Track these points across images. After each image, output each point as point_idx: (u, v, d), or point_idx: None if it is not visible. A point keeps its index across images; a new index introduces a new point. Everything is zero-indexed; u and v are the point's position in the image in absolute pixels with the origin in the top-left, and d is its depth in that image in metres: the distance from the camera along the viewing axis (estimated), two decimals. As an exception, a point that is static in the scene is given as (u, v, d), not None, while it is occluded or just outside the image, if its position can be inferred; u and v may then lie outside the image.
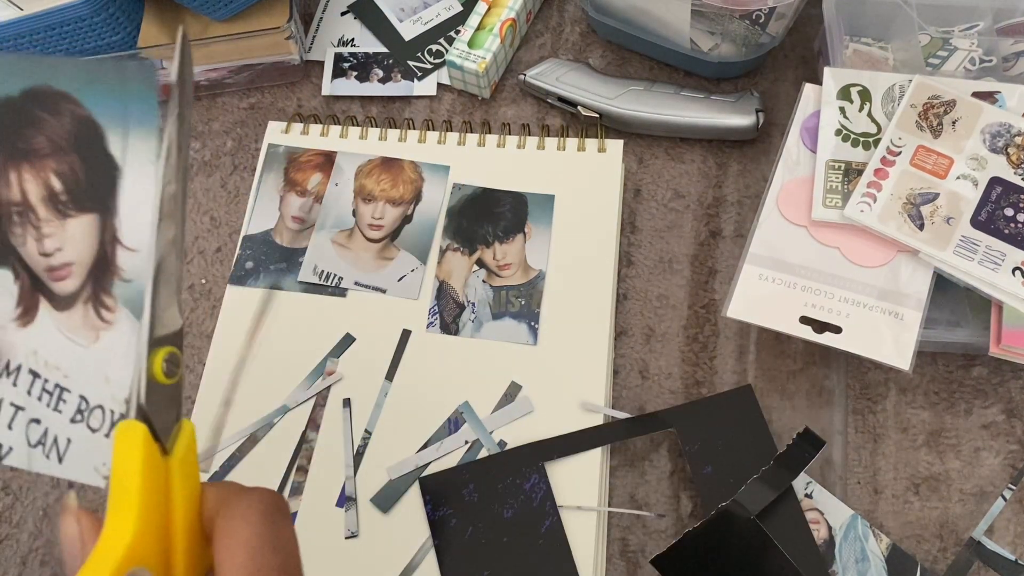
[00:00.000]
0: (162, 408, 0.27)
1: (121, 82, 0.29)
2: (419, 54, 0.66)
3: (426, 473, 0.52)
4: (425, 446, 0.53)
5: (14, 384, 0.29)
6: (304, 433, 0.54)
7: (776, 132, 0.61)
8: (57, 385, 0.30)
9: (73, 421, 0.29)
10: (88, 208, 0.29)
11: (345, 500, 0.52)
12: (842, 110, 0.51)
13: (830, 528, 0.49)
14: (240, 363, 0.49)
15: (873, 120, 0.51)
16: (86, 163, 0.29)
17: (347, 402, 0.55)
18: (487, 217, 0.59)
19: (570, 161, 0.60)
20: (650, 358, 0.56)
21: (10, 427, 0.29)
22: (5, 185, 0.29)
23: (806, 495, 0.50)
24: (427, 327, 0.56)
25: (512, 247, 0.58)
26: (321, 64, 0.67)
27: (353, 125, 0.64)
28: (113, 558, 0.25)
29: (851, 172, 0.50)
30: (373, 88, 0.65)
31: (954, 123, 0.50)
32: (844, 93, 0.52)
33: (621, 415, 0.53)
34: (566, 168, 0.60)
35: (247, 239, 0.60)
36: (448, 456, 0.53)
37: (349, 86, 0.66)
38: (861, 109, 0.51)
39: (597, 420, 0.52)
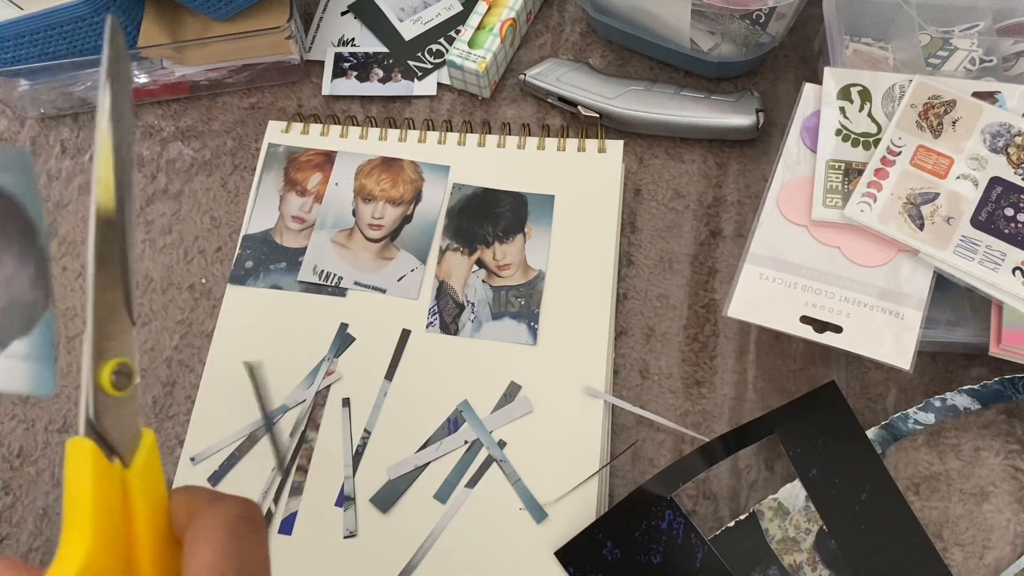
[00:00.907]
0: (118, 421, 0.26)
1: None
2: (419, 54, 0.66)
3: (559, 546, 0.49)
4: (425, 446, 0.53)
5: None
6: (304, 433, 0.54)
7: (776, 132, 0.61)
8: None
9: None
10: None
11: (344, 500, 0.52)
12: (842, 110, 0.51)
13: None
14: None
15: (873, 120, 0.51)
16: None
17: (346, 402, 0.55)
18: (487, 217, 0.59)
19: (570, 161, 0.60)
20: (650, 358, 0.56)
21: None
22: None
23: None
24: (427, 327, 0.56)
25: (512, 247, 0.58)
26: (321, 64, 0.67)
27: (353, 125, 0.64)
28: None
29: (851, 172, 0.50)
30: (373, 88, 0.65)
31: (954, 123, 0.50)
32: (844, 93, 0.52)
33: (624, 404, 0.53)
34: (566, 168, 0.60)
35: (247, 239, 0.60)
36: (448, 456, 0.53)
37: (349, 86, 0.66)
38: (861, 109, 0.51)
39: (598, 420, 0.52)
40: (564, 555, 0.49)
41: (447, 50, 0.66)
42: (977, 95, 0.51)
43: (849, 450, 0.49)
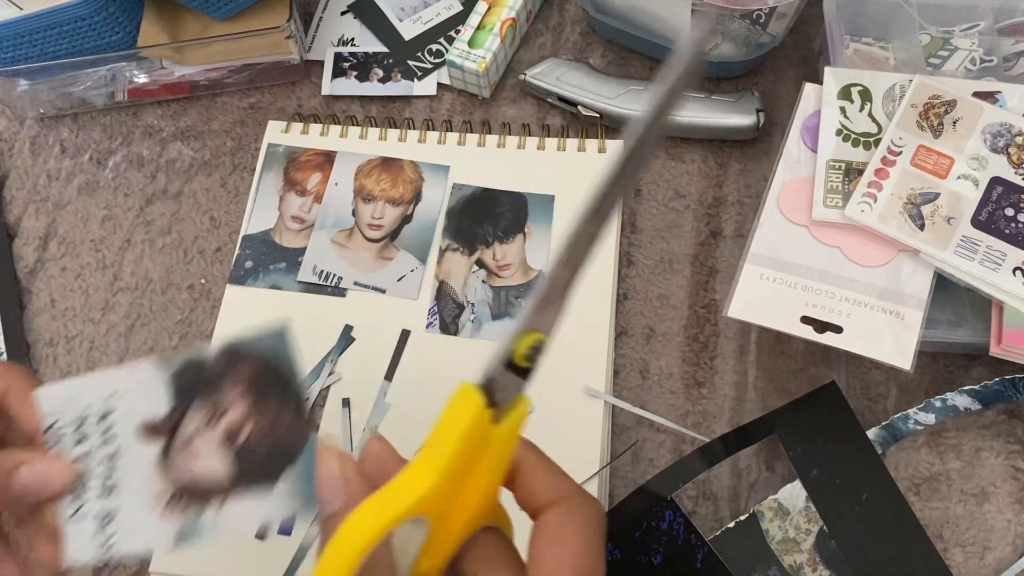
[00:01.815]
0: (508, 383, 0.28)
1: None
2: (419, 54, 0.66)
3: None
4: (425, 446, 0.53)
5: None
6: (303, 433, 0.54)
7: (777, 132, 0.61)
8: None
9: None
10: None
11: (345, 500, 0.52)
12: (843, 110, 0.51)
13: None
14: None
15: (874, 120, 0.51)
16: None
17: (346, 402, 0.55)
18: (487, 217, 0.59)
19: (570, 161, 0.60)
20: (650, 358, 0.56)
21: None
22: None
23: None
24: (426, 327, 0.56)
25: (512, 247, 0.58)
26: (321, 64, 0.67)
27: (353, 125, 0.64)
28: (405, 501, 0.26)
29: (852, 172, 0.50)
30: (373, 88, 0.65)
31: (955, 123, 0.50)
32: (845, 93, 0.52)
33: (624, 404, 0.53)
34: (566, 168, 0.60)
35: (247, 239, 0.60)
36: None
37: (349, 86, 0.66)
38: (862, 109, 0.51)
39: (598, 420, 0.52)
40: None
41: (447, 50, 0.66)
42: (978, 95, 0.51)
43: (849, 450, 0.49)
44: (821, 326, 0.47)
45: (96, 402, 0.35)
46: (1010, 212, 0.48)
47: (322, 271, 0.58)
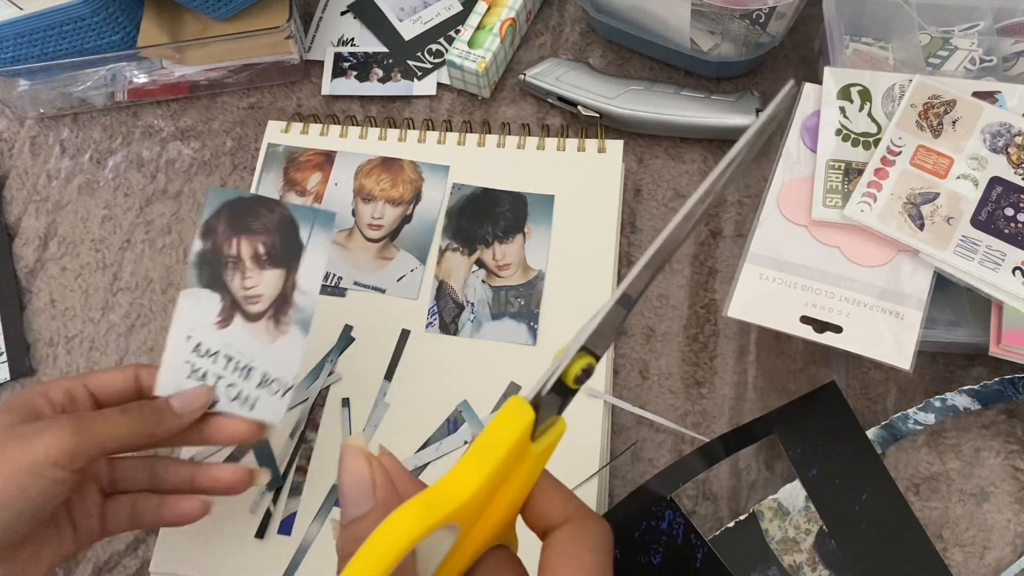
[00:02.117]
0: (553, 403, 0.29)
1: (313, 210, 0.47)
2: (419, 54, 0.66)
3: None
4: (424, 446, 0.53)
5: (214, 362, 0.45)
6: (303, 433, 0.54)
7: (776, 132, 0.61)
8: (246, 365, 0.45)
9: (258, 387, 0.45)
10: (279, 265, 0.46)
11: (344, 500, 0.52)
12: (842, 110, 0.51)
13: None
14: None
15: (873, 120, 0.51)
16: (283, 240, 0.46)
17: (346, 402, 0.55)
18: (487, 217, 0.59)
19: (570, 161, 0.60)
20: (650, 358, 0.56)
21: (215, 387, 0.45)
22: (228, 246, 0.46)
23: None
24: (426, 327, 0.56)
25: (511, 247, 0.58)
26: (321, 64, 0.67)
27: (353, 125, 0.64)
28: (444, 507, 0.26)
29: (851, 172, 0.50)
30: (373, 88, 0.65)
31: (954, 123, 0.50)
32: (844, 93, 0.52)
33: (624, 404, 0.53)
34: (566, 168, 0.60)
35: (246, 239, 0.60)
36: (447, 456, 0.53)
37: (349, 86, 0.66)
38: (861, 109, 0.51)
39: (598, 420, 0.52)
40: None
41: (447, 50, 0.66)
42: (977, 95, 0.51)
43: (849, 450, 0.49)
44: (821, 326, 0.47)
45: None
46: (1010, 212, 0.48)
47: (322, 271, 0.59)
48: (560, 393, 0.29)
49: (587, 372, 0.29)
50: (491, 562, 0.29)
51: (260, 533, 0.52)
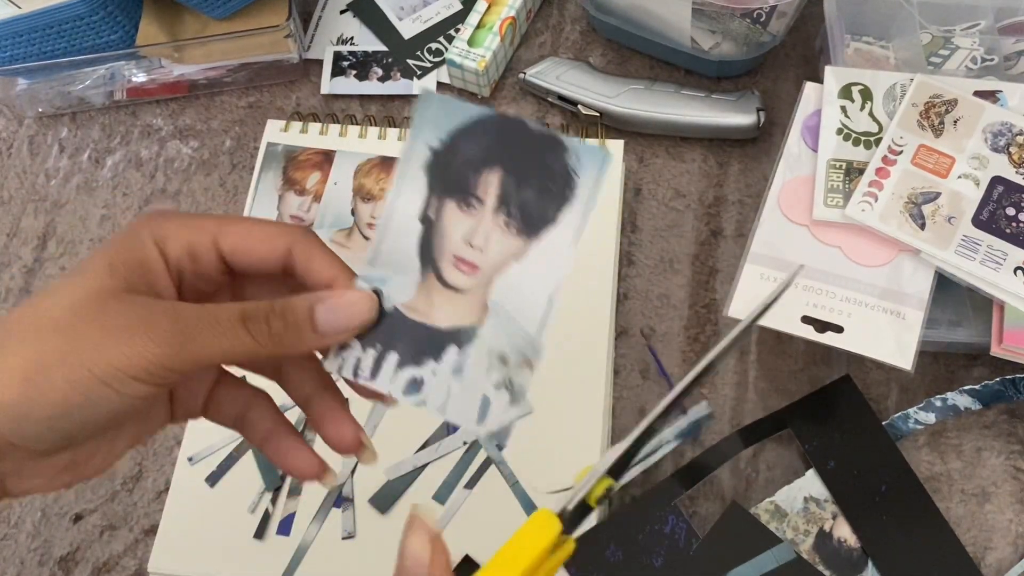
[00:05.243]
0: (571, 517, 0.30)
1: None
2: (419, 52, 0.66)
3: None
4: (423, 447, 0.53)
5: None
6: (302, 433, 0.54)
7: (777, 131, 0.61)
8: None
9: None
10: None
11: (342, 501, 0.52)
12: (843, 109, 0.51)
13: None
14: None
15: (874, 119, 0.51)
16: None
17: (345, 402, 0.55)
18: (487, 216, 0.59)
19: (570, 160, 0.60)
20: (650, 358, 0.55)
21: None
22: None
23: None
24: (426, 327, 0.56)
25: (512, 246, 0.58)
26: (320, 63, 0.67)
27: (352, 124, 0.64)
28: None
29: (852, 171, 0.49)
30: (372, 87, 0.65)
31: (955, 122, 0.50)
32: (845, 92, 0.51)
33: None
34: (566, 167, 0.60)
35: (246, 238, 0.60)
36: (446, 457, 0.53)
37: (348, 85, 0.66)
38: (862, 108, 0.51)
39: (598, 420, 0.52)
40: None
41: (447, 49, 0.65)
42: (978, 94, 0.51)
43: (867, 442, 0.49)
44: (822, 326, 0.47)
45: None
46: (1011, 211, 0.47)
47: (321, 271, 0.58)
48: (580, 512, 0.30)
49: (607, 496, 0.31)
50: None
51: (259, 533, 0.52)
